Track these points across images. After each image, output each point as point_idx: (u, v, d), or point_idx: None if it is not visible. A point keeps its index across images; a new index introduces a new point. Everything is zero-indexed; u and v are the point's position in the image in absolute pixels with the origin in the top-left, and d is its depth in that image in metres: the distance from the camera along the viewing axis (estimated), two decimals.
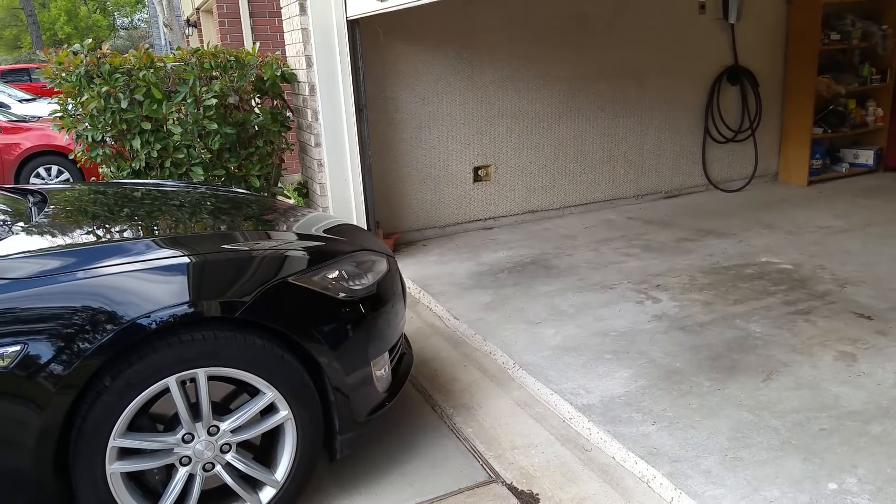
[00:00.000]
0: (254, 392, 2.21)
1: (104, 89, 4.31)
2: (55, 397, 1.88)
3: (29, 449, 1.89)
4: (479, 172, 5.59)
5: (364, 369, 2.39)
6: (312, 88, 4.65)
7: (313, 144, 4.80)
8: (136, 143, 4.42)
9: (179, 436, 2.10)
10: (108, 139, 4.49)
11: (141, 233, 2.53)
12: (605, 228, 5.49)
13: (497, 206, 5.71)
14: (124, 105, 4.35)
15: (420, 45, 5.14)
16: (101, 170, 4.70)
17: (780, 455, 2.43)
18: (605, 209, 6.09)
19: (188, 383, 2.11)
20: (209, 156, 4.59)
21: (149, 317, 1.98)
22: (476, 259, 4.87)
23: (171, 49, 17.30)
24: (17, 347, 1.85)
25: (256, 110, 4.87)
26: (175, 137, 4.46)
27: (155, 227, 2.67)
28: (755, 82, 6.43)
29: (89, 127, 4.42)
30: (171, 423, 2.12)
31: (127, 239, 2.37)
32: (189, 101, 4.45)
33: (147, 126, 4.42)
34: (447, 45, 5.23)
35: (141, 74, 4.37)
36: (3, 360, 1.84)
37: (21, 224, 2.42)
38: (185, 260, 2.15)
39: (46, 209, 2.61)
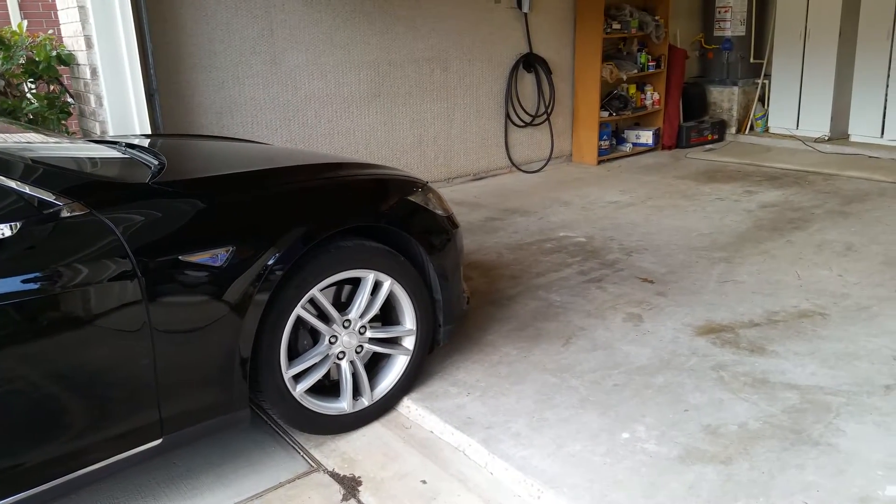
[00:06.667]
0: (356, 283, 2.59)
1: None
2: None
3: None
4: None
5: (458, 274, 2.90)
6: (94, 72, 4.23)
7: (99, 133, 4.38)
8: None
9: (326, 342, 2.51)
10: None
11: (287, 161, 2.86)
12: None
13: None
14: None
15: (216, 25, 4.87)
16: None
17: (580, 412, 2.64)
18: None
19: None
20: None
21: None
22: None
23: None
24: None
25: (29, 96, 4.34)
26: None
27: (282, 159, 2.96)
28: (548, 69, 6.87)
29: None
30: (315, 336, 2.53)
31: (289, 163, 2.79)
32: None
33: None
34: (246, 26, 5.00)
35: None
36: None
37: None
38: (352, 178, 2.67)
39: (157, 150, 2.70)
